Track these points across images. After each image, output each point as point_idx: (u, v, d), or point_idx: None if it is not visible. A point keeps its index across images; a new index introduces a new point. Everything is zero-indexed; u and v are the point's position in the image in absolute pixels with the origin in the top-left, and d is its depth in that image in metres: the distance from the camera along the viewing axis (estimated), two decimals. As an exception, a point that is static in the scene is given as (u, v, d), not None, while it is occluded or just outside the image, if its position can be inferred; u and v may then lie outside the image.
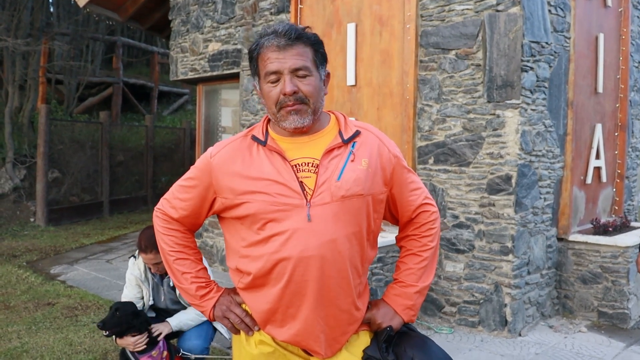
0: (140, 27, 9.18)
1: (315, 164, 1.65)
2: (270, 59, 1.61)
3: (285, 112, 1.63)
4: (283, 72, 1.61)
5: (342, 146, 1.68)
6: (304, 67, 1.62)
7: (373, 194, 1.68)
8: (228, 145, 1.74)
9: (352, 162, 1.65)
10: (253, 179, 1.64)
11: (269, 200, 1.61)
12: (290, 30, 1.61)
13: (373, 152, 1.70)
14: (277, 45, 1.60)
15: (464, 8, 4.63)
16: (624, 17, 5.78)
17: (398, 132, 5.03)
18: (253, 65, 1.69)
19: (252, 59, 1.68)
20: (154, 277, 3.41)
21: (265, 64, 1.63)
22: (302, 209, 1.59)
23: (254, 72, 1.70)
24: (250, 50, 1.69)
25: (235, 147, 1.72)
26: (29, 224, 9.33)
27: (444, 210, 4.78)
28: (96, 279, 6.28)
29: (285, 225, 1.60)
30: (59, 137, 10.20)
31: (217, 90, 7.55)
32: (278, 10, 6.04)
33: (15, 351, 4.04)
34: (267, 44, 1.62)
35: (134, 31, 17.42)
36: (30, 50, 10.51)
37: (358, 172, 1.64)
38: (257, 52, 1.65)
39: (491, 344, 4.32)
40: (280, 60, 1.60)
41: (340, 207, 1.61)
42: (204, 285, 1.77)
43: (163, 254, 1.83)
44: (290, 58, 1.60)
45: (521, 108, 4.40)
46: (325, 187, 1.61)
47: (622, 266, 4.73)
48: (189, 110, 17.16)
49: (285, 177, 1.62)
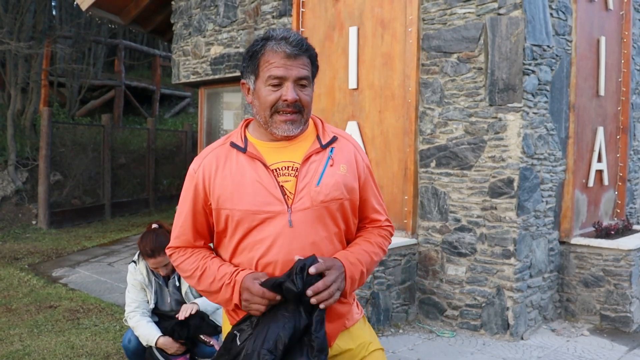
0: (142, 30, 9.19)
1: (295, 167, 1.69)
2: (277, 64, 1.63)
3: (279, 120, 1.66)
4: (288, 79, 1.63)
5: (321, 151, 1.72)
6: (306, 77, 1.66)
7: (351, 199, 1.73)
8: (209, 155, 1.75)
9: (331, 167, 1.70)
10: (235, 188, 1.67)
11: (251, 210, 1.64)
12: (302, 41, 1.65)
13: (350, 158, 1.75)
14: (287, 53, 1.62)
15: (466, 11, 4.64)
16: (625, 20, 5.78)
17: (400, 135, 5.03)
18: (252, 64, 1.68)
19: (254, 57, 1.68)
20: (157, 280, 3.42)
21: (270, 67, 1.64)
22: (284, 215, 1.64)
23: (251, 71, 1.70)
24: (253, 49, 1.68)
25: (218, 155, 1.74)
26: (30, 226, 9.34)
27: (445, 213, 4.78)
28: (98, 281, 6.28)
29: (268, 231, 1.64)
30: (61, 140, 10.22)
31: (219, 93, 7.56)
32: (280, 13, 6.05)
33: (17, 354, 4.04)
34: (276, 48, 1.63)
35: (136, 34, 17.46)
36: (32, 53, 10.53)
37: (337, 176, 1.69)
38: (262, 52, 1.66)
39: (493, 348, 4.32)
40: (287, 67, 1.63)
41: (320, 211, 1.66)
42: (228, 282, 1.68)
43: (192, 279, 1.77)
44: (296, 67, 1.64)
45: (523, 111, 4.40)
46: (305, 192, 1.65)
47: (624, 269, 4.72)
48: (191, 113, 17.18)
49: (267, 184, 1.65)
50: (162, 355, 3.28)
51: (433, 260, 4.86)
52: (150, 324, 3.30)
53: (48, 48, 11.87)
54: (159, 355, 3.28)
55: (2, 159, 10.05)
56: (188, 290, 3.42)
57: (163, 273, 3.35)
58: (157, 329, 3.30)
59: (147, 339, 3.27)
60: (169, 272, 3.36)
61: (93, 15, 8.49)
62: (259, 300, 1.59)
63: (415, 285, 4.96)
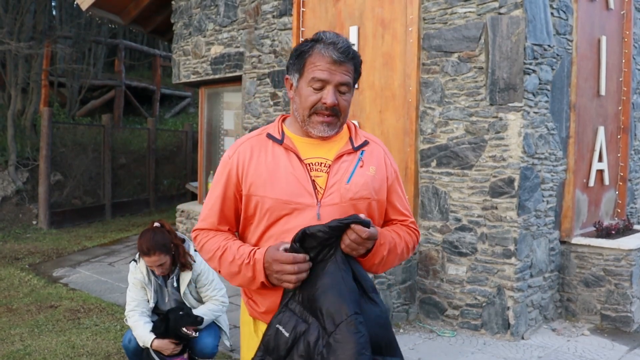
0: (142, 30, 9.20)
1: (328, 164, 1.76)
2: (322, 67, 1.70)
3: (316, 121, 1.74)
4: (330, 83, 1.70)
5: (352, 153, 1.79)
6: (347, 83, 1.74)
7: (378, 200, 1.79)
8: (244, 143, 1.81)
9: (361, 167, 1.77)
10: (268, 176, 1.72)
11: (282, 199, 1.69)
12: (349, 49, 1.72)
13: (380, 162, 1.84)
14: (333, 58, 1.69)
15: (467, 11, 4.63)
16: (626, 19, 5.78)
17: (400, 135, 5.03)
18: (299, 63, 1.74)
19: (300, 56, 1.74)
20: (157, 279, 3.42)
21: (315, 69, 1.70)
22: (313, 208, 1.70)
23: (296, 69, 1.76)
24: (302, 49, 1.74)
25: (253, 144, 1.79)
26: (31, 226, 9.34)
27: (446, 213, 4.77)
28: (98, 281, 6.28)
29: (297, 222, 1.68)
30: (62, 140, 10.22)
31: (220, 93, 7.56)
32: (280, 13, 6.05)
33: (18, 354, 4.04)
34: (323, 52, 1.70)
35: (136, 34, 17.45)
36: (32, 53, 10.53)
37: (366, 177, 1.76)
38: (309, 54, 1.72)
39: (494, 347, 4.31)
40: (331, 72, 1.70)
41: (347, 208, 1.72)
42: (247, 262, 1.69)
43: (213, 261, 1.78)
44: (340, 73, 1.71)
45: (524, 111, 4.40)
46: (335, 189, 1.72)
47: (625, 269, 4.72)
48: (191, 113, 17.18)
49: (299, 177, 1.71)
50: (159, 357, 3.27)
51: (434, 259, 4.86)
52: (147, 325, 3.29)
53: (48, 48, 11.86)
54: (156, 357, 3.27)
55: (2, 159, 10.04)
56: (186, 290, 3.42)
57: (158, 272, 3.35)
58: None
59: (142, 340, 3.27)
60: (164, 272, 3.35)
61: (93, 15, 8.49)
62: (290, 268, 1.58)
63: (416, 284, 4.96)
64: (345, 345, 1.51)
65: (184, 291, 3.41)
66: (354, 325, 1.54)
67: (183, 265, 3.38)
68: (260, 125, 6.32)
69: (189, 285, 3.42)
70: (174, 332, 3.22)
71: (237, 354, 4.13)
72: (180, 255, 3.35)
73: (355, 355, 1.51)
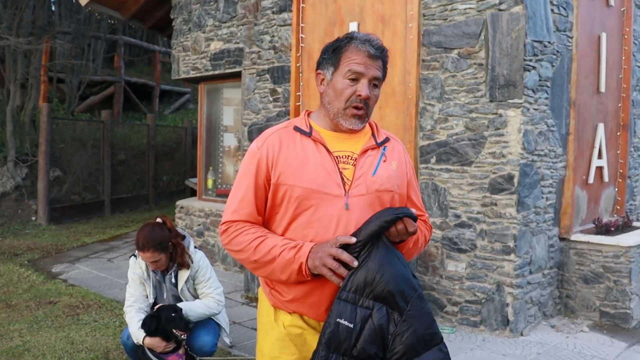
0: (142, 25, 9.17)
1: (354, 157, 1.85)
2: (358, 61, 1.79)
3: (350, 113, 1.82)
4: (365, 76, 1.79)
5: (376, 148, 1.89)
6: (380, 78, 1.84)
7: (400, 193, 1.90)
8: (272, 134, 1.86)
9: (384, 162, 1.87)
10: (298, 166, 1.78)
11: (311, 188, 1.75)
12: (382, 46, 1.83)
13: (400, 158, 1.96)
14: (369, 52, 1.79)
15: (467, 7, 4.62)
16: (626, 16, 5.77)
17: (400, 131, 5.02)
18: (334, 57, 1.82)
19: (337, 51, 1.82)
20: (155, 275, 3.41)
21: (351, 62, 1.79)
22: (341, 199, 1.77)
23: (331, 63, 1.83)
24: (338, 44, 1.83)
25: (281, 135, 1.85)
26: (30, 222, 9.34)
27: (445, 209, 4.77)
28: (97, 277, 6.28)
29: (326, 211, 1.76)
30: (61, 136, 10.21)
31: (219, 89, 7.55)
32: (280, 9, 6.03)
33: (17, 350, 4.04)
34: (360, 47, 1.79)
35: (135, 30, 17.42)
36: (32, 48, 10.51)
37: (390, 171, 1.87)
38: (346, 48, 1.81)
39: (493, 344, 4.32)
40: (367, 65, 1.79)
41: (373, 199, 1.81)
42: (294, 245, 1.74)
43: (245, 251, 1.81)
44: (374, 68, 1.81)
45: (523, 107, 4.39)
46: (362, 181, 1.80)
47: (624, 266, 4.72)
48: (191, 109, 17.16)
49: (328, 168, 1.78)
50: (154, 354, 3.26)
51: (433, 256, 4.86)
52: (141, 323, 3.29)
53: (47, 44, 11.83)
54: (150, 354, 3.26)
55: (1, 155, 10.03)
56: (184, 286, 3.42)
57: (152, 268, 3.34)
58: None
59: (135, 337, 3.27)
60: (159, 268, 3.34)
61: (92, 10, 8.46)
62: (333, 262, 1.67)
63: (415, 281, 4.95)
64: (420, 318, 1.65)
65: (181, 287, 3.41)
66: (422, 298, 1.69)
67: (180, 264, 3.36)
68: (260, 121, 6.32)
69: (186, 282, 3.42)
70: (163, 331, 3.19)
71: (237, 350, 4.13)
72: (178, 254, 3.33)
73: (430, 325, 1.67)
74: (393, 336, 1.63)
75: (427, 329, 1.66)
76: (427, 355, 1.64)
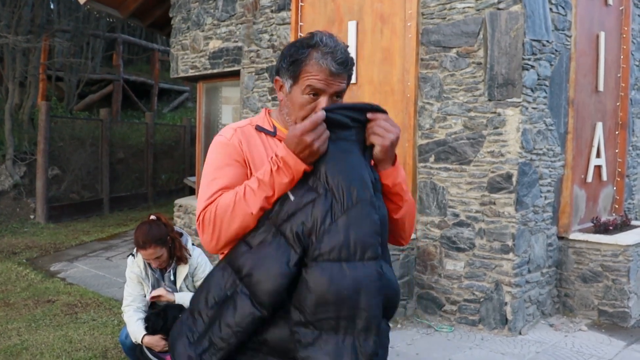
0: (140, 24, 9.17)
1: None
2: (319, 78, 1.64)
3: None
4: (325, 93, 1.66)
5: None
6: (342, 92, 1.71)
7: None
8: (237, 130, 1.74)
9: None
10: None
11: None
12: (347, 60, 1.67)
13: None
14: (331, 71, 1.64)
15: (465, 6, 4.62)
16: (625, 15, 5.77)
17: (399, 130, 5.02)
18: (293, 70, 1.67)
19: (296, 64, 1.66)
20: (154, 273, 3.41)
21: (311, 78, 1.64)
22: None
23: (289, 75, 1.69)
24: (298, 56, 1.66)
25: (245, 132, 1.74)
26: (29, 221, 9.33)
27: (444, 208, 4.77)
28: (96, 276, 6.28)
29: None
30: (59, 134, 10.19)
31: (218, 87, 7.54)
32: (279, 7, 6.03)
33: (15, 348, 4.04)
34: (321, 62, 1.63)
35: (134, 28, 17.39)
36: (30, 47, 10.49)
37: None
38: (305, 63, 1.65)
39: (491, 343, 4.32)
40: (328, 83, 1.65)
41: None
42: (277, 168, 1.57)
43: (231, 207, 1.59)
44: (337, 83, 1.67)
45: (522, 106, 4.39)
46: None
47: (622, 265, 4.73)
48: (190, 108, 17.14)
49: None
50: (152, 353, 3.26)
51: (431, 255, 4.86)
52: (139, 322, 3.29)
53: (46, 42, 11.81)
54: (148, 353, 3.27)
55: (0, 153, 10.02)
56: (183, 284, 3.42)
57: (155, 265, 3.35)
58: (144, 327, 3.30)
59: (134, 337, 3.28)
60: (161, 265, 3.35)
61: (91, 8, 8.45)
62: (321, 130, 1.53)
63: (414, 280, 4.96)
64: (361, 223, 1.47)
65: (180, 285, 3.41)
66: (374, 207, 1.51)
67: (179, 258, 3.38)
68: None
69: (185, 280, 3.42)
70: (167, 331, 3.20)
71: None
72: (177, 248, 3.35)
73: (368, 236, 1.47)
74: (327, 230, 1.46)
75: (366, 236, 1.46)
76: (359, 264, 1.45)
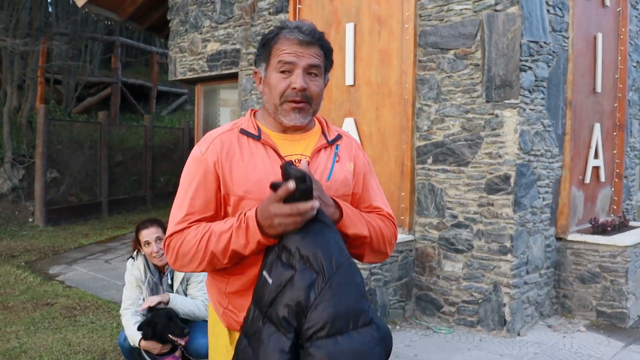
0: (139, 27, 9.17)
1: (307, 160, 1.67)
2: (288, 51, 1.61)
3: (288, 108, 1.63)
4: (298, 66, 1.61)
5: (328, 147, 1.71)
6: (317, 65, 1.64)
7: (354, 193, 1.74)
8: (216, 138, 1.67)
9: (338, 162, 1.70)
10: (248, 175, 1.61)
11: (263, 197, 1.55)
12: (314, 31, 1.64)
13: (357, 157, 1.77)
14: (299, 40, 1.61)
15: (463, 8, 4.63)
16: (622, 16, 5.78)
17: (397, 131, 5.03)
18: (265, 52, 1.66)
19: (266, 45, 1.66)
20: (152, 277, 3.42)
21: (281, 53, 1.62)
22: None
23: (263, 59, 1.68)
24: (267, 36, 1.66)
25: (225, 140, 1.66)
26: (27, 224, 9.32)
27: (442, 210, 4.78)
28: (95, 279, 6.27)
29: None
30: (58, 137, 10.18)
31: (216, 90, 7.55)
32: (277, 10, 6.04)
33: (14, 351, 4.04)
34: (288, 35, 1.61)
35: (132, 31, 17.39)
36: (28, 50, 10.49)
37: (345, 172, 1.71)
38: (275, 41, 1.64)
39: (490, 344, 4.32)
40: (298, 54, 1.61)
41: None
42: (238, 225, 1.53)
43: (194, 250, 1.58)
44: (307, 55, 1.62)
45: (520, 108, 4.40)
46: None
47: (620, 265, 4.73)
48: (188, 110, 17.14)
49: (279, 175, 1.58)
50: (150, 356, 3.27)
51: (430, 256, 4.86)
52: (137, 325, 3.30)
53: (44, 45, 11.80)
54: (147, 356, 3.28)
55: (-2, 156, 10.03)
56: (179, 288, 3.42)
57: (157, 261, 3.36)
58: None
59: (132, 340, 3.28)
60: (161, 260, 3.36)
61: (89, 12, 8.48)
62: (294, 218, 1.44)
63: (412, 281, 4.97)
64: (347, 289, 1.43)
65: (176, 289, 3.41)
66: (355, 268, 1.47)
67: None
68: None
69: (181, 283, 3.43)
70: (160, 337, 3.21)
71: (234, 351, 4.13)
72: None
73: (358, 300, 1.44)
74: (313, 305, 1.40)
75: (355, 302, 1.43)
76: (355, 334, 1.41)
